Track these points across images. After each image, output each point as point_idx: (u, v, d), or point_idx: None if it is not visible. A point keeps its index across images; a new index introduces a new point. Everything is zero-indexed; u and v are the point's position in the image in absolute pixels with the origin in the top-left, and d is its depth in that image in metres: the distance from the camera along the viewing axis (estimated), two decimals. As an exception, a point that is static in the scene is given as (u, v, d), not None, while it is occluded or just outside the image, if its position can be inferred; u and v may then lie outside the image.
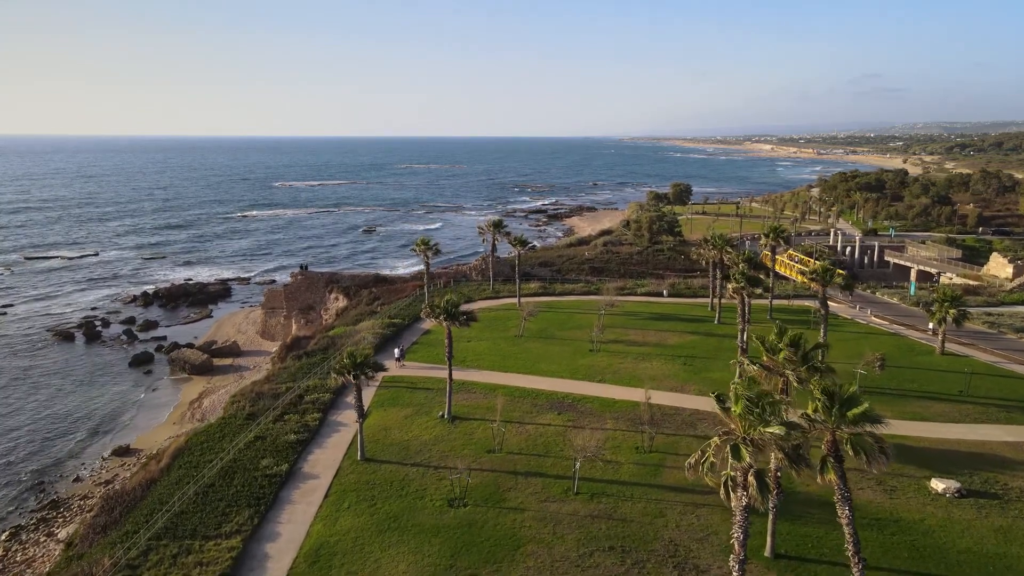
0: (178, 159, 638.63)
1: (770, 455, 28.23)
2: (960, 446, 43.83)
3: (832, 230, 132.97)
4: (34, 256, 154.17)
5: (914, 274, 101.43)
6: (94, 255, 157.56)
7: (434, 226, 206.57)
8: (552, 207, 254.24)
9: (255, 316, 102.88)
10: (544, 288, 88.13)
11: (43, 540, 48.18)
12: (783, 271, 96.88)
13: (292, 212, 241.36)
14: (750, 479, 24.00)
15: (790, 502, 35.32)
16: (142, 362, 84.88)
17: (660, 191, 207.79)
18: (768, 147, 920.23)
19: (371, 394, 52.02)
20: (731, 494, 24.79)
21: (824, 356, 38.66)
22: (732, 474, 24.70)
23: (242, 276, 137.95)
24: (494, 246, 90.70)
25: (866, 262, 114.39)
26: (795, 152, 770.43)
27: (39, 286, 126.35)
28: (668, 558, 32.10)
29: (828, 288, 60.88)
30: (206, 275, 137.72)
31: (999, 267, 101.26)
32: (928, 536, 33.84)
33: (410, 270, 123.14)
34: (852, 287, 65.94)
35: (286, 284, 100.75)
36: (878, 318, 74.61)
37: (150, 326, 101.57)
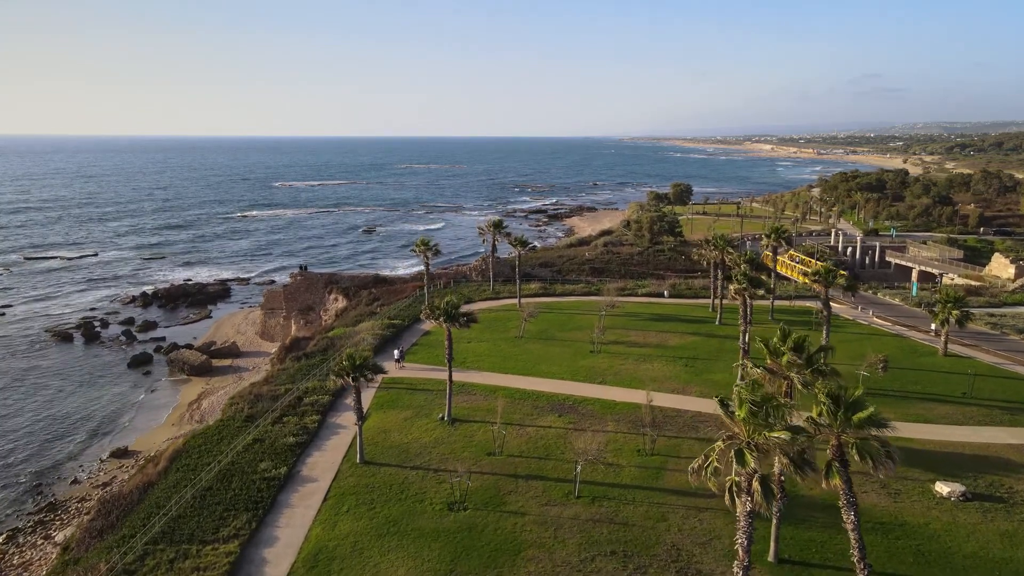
0: (178, 159, 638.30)
1: (774, 459, 27.91)
2: (964, 449, 43.49)
3: (833, 230, 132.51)
4: (33, 256, 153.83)
5: (915, 275, 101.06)
6: (93, 255, 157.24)
7: (434, 226, 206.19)
8: (552, 207, 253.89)
9: (254, 317, 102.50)
10: (544, 289, 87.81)
11: (40, 543, 47.82)
12: (784, 272, 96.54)
13: (292, 212, 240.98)
14: (755, 485, 23.64)
15: (793, 506, 34.97)
16: (141, 363, 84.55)
17: (660, 191, 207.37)
18: (768, 147, 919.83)
19: (370, 396, 51.68)
20: (736, 500, 24.42)
21: (826, 358, 38.20)
22: (736, 479, 24.33)
23: (242, 276, 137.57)
24: (494, 246, 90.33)
25: (867, 262, 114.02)
26: (795, 152, 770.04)
27: (38, 286, 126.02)
28: (670, 563, 31.75)
29: (830, 289, 60.59)
30: (205, 275, 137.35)
31: (1001, 268, 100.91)
32: (933, 541, 33.48)
33: (410, 270, 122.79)
34: (855, 288, 65.54)
35: (285, 285, 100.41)
36: (880, 319, 74.24)
37: (149, 327, 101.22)
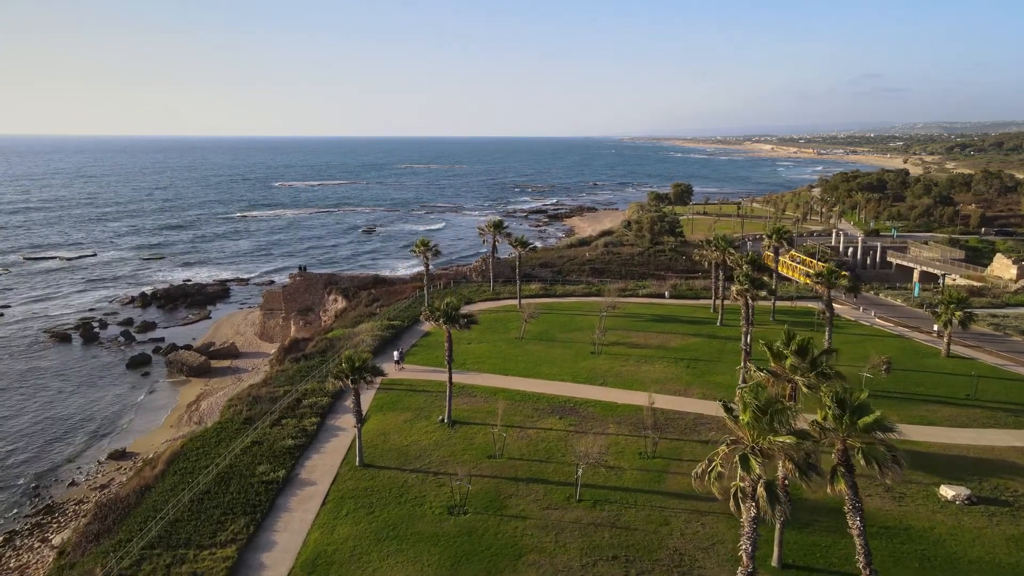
0: (178, 159, 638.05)
1: (778, 463, 27.52)
2: (968, 451, 43.10)
3: (834, 231, 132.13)
4: (33, 257, 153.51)
5: (917, 275, 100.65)
6: (92, 256, 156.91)
7: (435, 227, 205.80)
8: (553, 207, 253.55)
9: (254, 317, 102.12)
10: (545, 289, 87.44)
11: (37, 546, 47.50)
12: (786, 272, 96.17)
13: (292, 212, 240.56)
14: (760, 491, 23.26)
15: (797, 509, 34.52)
16: (140, 364, 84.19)
17: (661, 191, 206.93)
18: (768, 147, 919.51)
19: (370, 397, 51.31)
20: (740, 506, 24.04)
21: (829, 360, 37.78)
22: (741, 485, 23.95)
23: (241, 277, 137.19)
24: (494, 247, 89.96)
25: (868, 263, 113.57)
26: (795, 152, 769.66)
27: (37, 287, 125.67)
28: (673, 568, 31.38)
29: (832, 290, 60.18)
30: (205, 276, 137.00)
31: (1003, 268, 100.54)
32: (939, 545, 33.10)
33: (410, 271, 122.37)
34: (857, 290, 65.15)
35: (285, 285, 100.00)
36: (882, 320, 73.82)
37: (148, 327, 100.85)
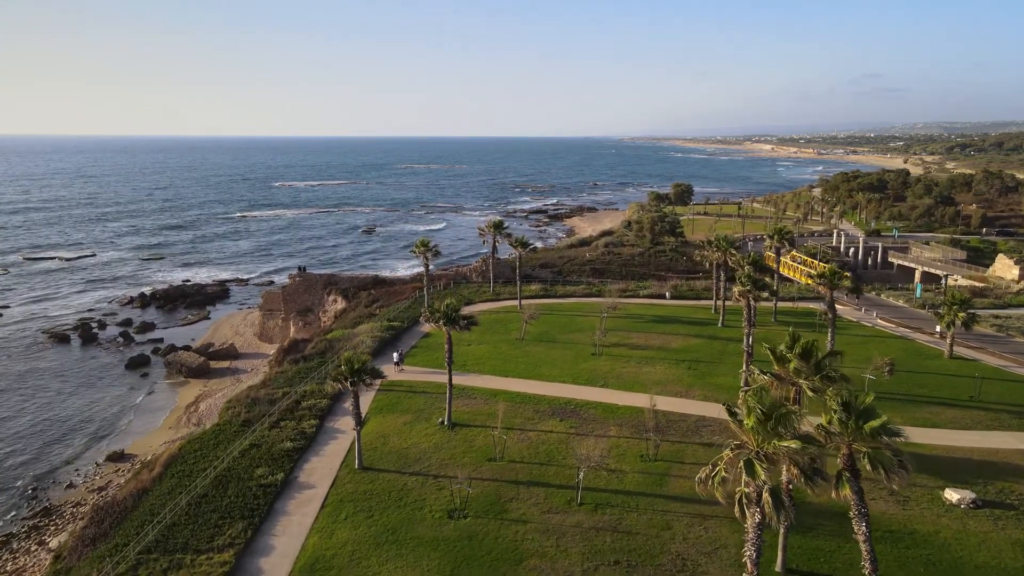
0: (178, 159, 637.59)
1: (782, 467, 27.16)
2: (972, 454, 42.75)
3: (835, 231, 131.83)
4: (33, 257, 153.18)
5: (918, 275, 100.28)
6: (92, 256, 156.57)
7: (435, 227, 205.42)
8: (553, 207, 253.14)
9: (253, 318, 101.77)
10: (545, 290, 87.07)
11: (34, 549, 47.12)
12: (788, 273, 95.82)
13: (292, 212, 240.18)
14: (765, 496, 22.89)
15: (801, 513, 34.14)
16: (138, 365, 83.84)
17: (661, 191, 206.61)
18: (768, 147, 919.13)
19: (370, 399, 50.96)
20: (745, 512, 23.67)
21: (832, 363, 37.39)
22: (746, 491, 23.58)
23: (241, 277, 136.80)
24: (495, 247, 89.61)
25: (869, 263, 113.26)
26: (795, 152, 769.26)
27: (36, 287, 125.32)
28: (676, 573, 31.00)
29: (834, 291, 59.81)
30: (204, 276, 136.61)
31: (1005, 268, 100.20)
32: (944, 550, 32.73)
33: (411, 271, 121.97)
34: (860, 291, 64.75)
35: (284, 286, 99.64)
36: (884, 321, 73.47)
37: (147, 328, 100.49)
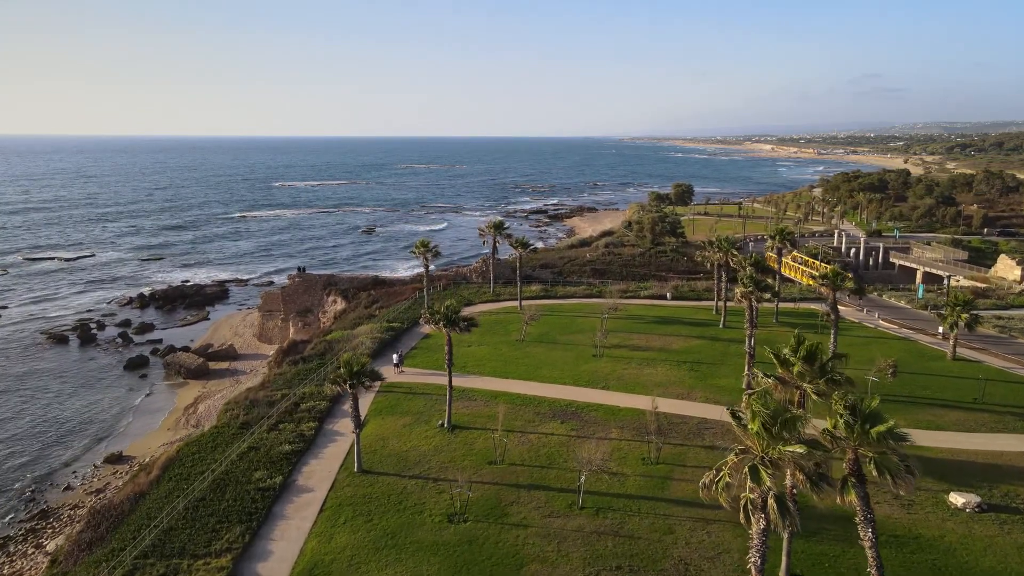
0: (178, 159, 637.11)
1: (786, 472, 26.78)
2: (977, 457, 42.39)
3: (836, 231, 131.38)
4: (32, 257, 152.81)
5: (920, 276, 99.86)
6: (91, 256, 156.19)
7: (436, 227, 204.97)
8: (553, 207, 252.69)
9: (252, 319, 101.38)
10: (546, 291, 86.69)
11: (31, 552, 46.76)
12: (789, 274, 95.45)
13: (292, 213, 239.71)
14: (771, 503, 22.50)
15: (805, 517, 33.69)
16: (137, 366, 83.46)
17: (662, 191, 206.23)
18: (768, 147, 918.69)
19: (369, 400, 50.60)
20: (750, 518, 23.27)
21: (836, 367, 36.96)
22: (751, 497, 23.19)
23: (240, 278, 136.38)
24: (495, 248, 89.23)
25: (871, 264, 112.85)
26: (795, 152, 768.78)
27: (35, 288, 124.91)
28: (678, 578, 30.66)
29: (837, 292, 59.40)
30: (204, 277, 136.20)
31: (1007, 269, 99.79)
32: (950, 555, 32.37)
33: (411, 272, 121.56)
34: (863, 292, 64.34)
35: (283, 286, 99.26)
36: (886, 322, 73.10)
37: (146, 329, 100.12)
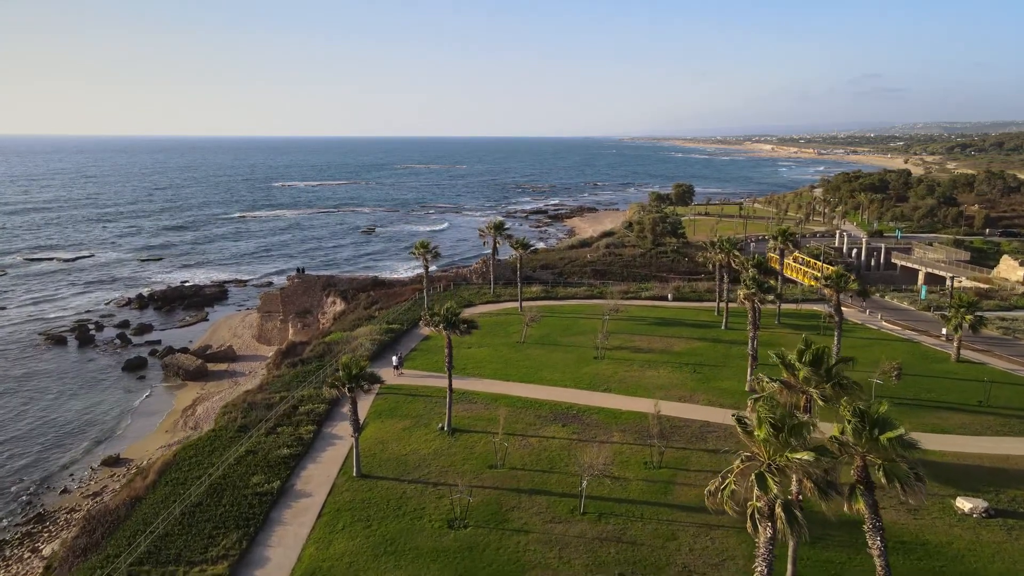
0: (178, 159, 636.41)
1: (792, 477, 26.29)
2: (983, 461, 41.88)
3: (837, 232, 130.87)
4: (32, 258, 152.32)
5: (922, 277, 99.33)
6: (90, 256, 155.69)
7: (437, 227, 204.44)
8: (553, 208, 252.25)
9: (251, 320, 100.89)
10: (546, 292, 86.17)
11: (27, 556, 46.36)
12: (791, 275, 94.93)
13: (292, 213, 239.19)
14: (778, 511, 22.02)
15: (810, 523, 32.78)
16: (135, 367, 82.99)
17: (662, 192, 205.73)
18: (768, 147, 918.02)
19: (368, 403, 50.11)
20: (758, 527, 22.78)
21: (845, 370, 36.43)
22: (758, 505, 22.70)
23: (240, 278, 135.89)
24: (495, 249, 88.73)
25: (872, 264, 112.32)
26: (796, 152, 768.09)
27: (34, 288, 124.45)
28: (682, 586, 30.19)
29: (840, 294, 58.90)
30: (203, 277, 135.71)
31: (1010, 270, 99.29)
32: (957, 561, 31.89)
33: (411, 272, 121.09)
34: (867, 293, 63.78)
35: (282, 287, 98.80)
36: (889, 323, 72.61)
37: (144, 330, 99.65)
